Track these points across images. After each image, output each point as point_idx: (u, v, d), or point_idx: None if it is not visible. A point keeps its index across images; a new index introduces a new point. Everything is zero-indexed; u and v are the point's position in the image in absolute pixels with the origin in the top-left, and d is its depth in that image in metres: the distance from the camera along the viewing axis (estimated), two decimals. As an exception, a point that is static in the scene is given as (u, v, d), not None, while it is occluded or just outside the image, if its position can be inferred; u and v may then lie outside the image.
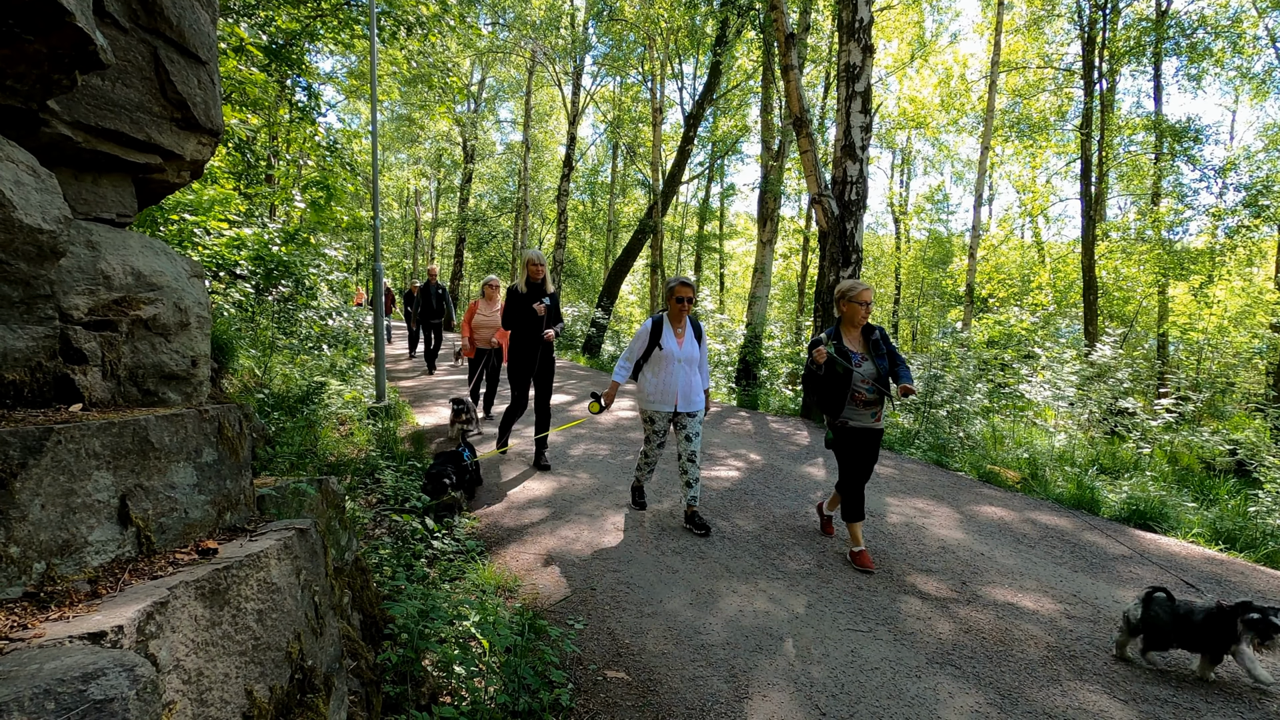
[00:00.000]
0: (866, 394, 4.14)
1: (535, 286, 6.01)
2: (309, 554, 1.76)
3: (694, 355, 4.73)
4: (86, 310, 1.72)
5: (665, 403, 4.70)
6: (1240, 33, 15.85)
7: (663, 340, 4.71)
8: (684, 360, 4.68)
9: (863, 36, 8.91)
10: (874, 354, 4.21)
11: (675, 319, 4.78)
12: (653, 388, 4.73)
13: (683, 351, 4.69)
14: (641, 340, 4.79)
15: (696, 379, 4.76)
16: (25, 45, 1.40)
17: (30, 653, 1.04)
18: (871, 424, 4.20)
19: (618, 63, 21.90)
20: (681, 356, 4.68)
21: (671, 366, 4.67)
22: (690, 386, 4.71)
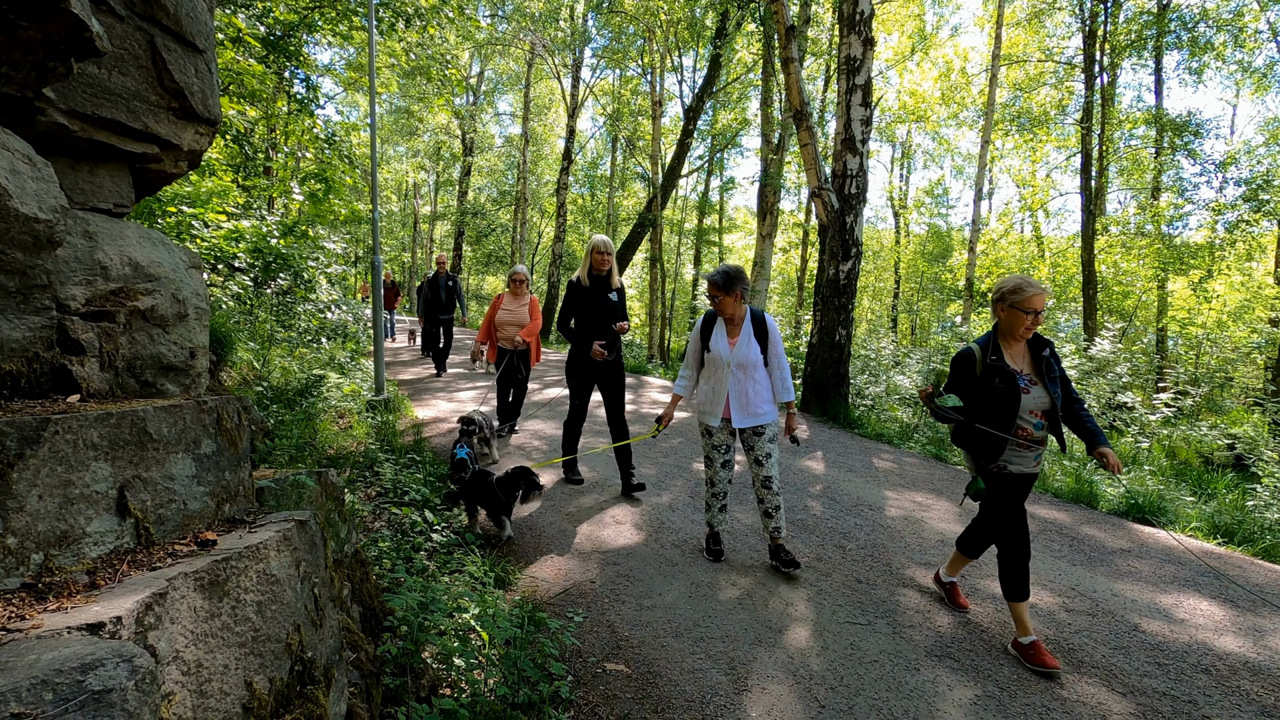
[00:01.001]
0: (1034, 429, 3.17)
1: (600, 279, 5.24)
2: (308, 546, 1.75)
3: (749, 358, 3.95)
4: (84, 301, 1.71)
5: (713, 413, 4.03)
6: (1242, 26, 15.81)
7: (711, 341, 4.06)
8: (736, 365, 3.95)
9: (863, 29, 8.87)
10: (1045, 376, 3.20)
11: (723, 317, 4.07)
12: (704, 395, 4.14)
13: (734, 354, 3.97)
14: (694, 343, 4.20)
15: (757, 387, 3.98)
16: (20, 31, 1.38)
17: (28, 643, 1.03)
18: (1033, 469, 3.21)
19: (617, 55, 21.82)
20: (732, 360, 3.96)
21: (723, 372, 3.98)
22: (746, 395, 3.96)
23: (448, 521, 4.46)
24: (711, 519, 4.19)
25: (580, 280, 5.24)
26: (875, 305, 32.22)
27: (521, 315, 6.97)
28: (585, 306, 5.22)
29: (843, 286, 9.12)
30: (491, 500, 4.38)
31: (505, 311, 7.03)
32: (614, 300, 5.23)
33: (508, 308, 7.05)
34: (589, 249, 5.23)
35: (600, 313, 5.22)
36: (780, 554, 3.97)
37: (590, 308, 5.22)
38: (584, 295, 5.21)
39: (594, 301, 5.21)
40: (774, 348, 4.02)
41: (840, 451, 7.11)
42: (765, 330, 4.03)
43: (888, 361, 12.64)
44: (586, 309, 5.22)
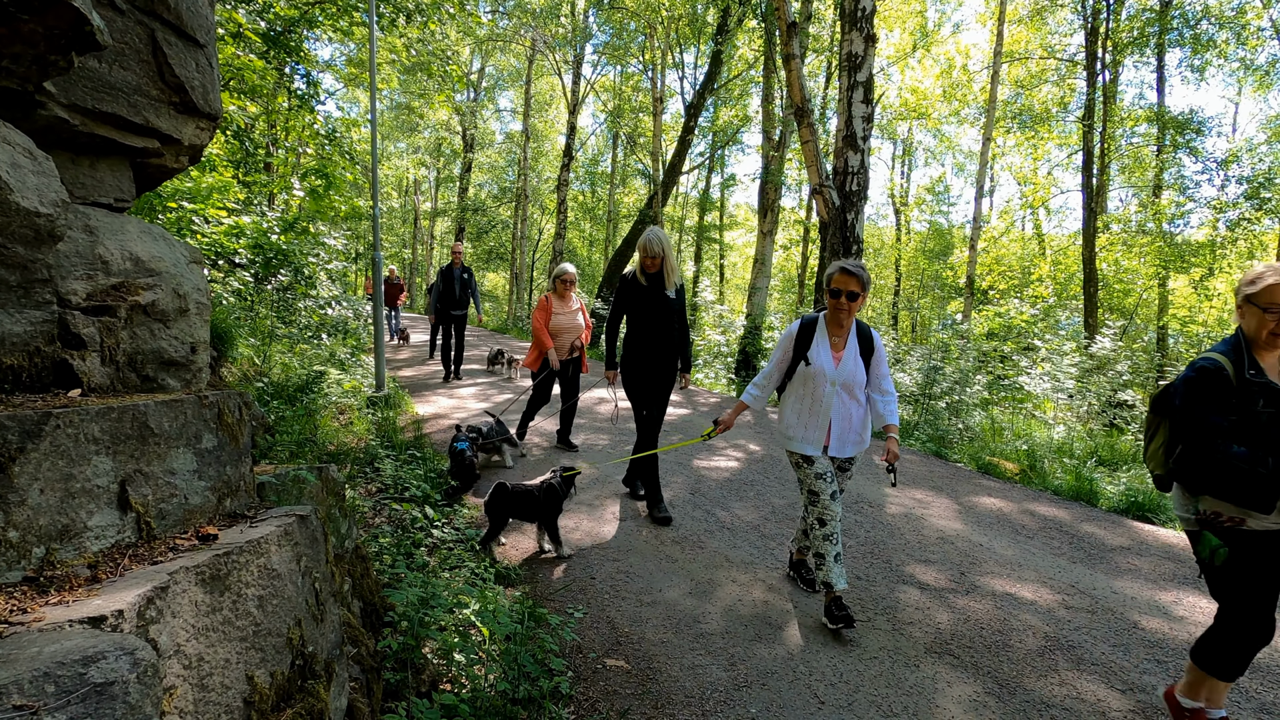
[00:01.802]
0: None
1: (656, 278, 4.68)
2: (309, 541, 1.76)
3: (856, 377, 3.32)
4: (85, 295, 1.71)
5: (809, 441, 3.36)
6: (1244, 24, 15.78)
7: (811, 352, 3.37)
8: (841, 384, 3.32)
9: (865, 26, 8.85)
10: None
11: (834, 323, 3.38)
12: (795, 418, 3.42)
13: (839, 371, 3.32)
14: (784, 350, 3.49)
15: (860, 411, 3.39)
16: (21, 24, 1.38)
17: (30, 636, 1.03)
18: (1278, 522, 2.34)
19: (618, 51, 21.79)
20: (837, 378, 3.31)
21: (822, 391, 3.32)
22: (849, 421, 3.36)
23: (448, 518, 4.46)
24: (829, 575, 3.25)
25: (635, 277, 4.71)
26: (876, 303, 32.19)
27: (576, 320, 6.31)
28: (641, 307, 4.70)
29: (843, 284, 9.10)
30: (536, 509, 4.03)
31: (562, 316, 6.25)
32: (673, 299, 4.69)
33: (561, 312, 6.27)
34: (641, 245, 4.63)
35: (659, 315, 4.68)
36: (835, 608, 3.23)
37: (647, 309, 4.69)
38: (639, 294, 4.69)
39: (651, 301, 4.67)
40: (880, 366, 3.40)
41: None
42: (871, 346, 3.39)
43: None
44: (643, 310, 4.70)
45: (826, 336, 3.40)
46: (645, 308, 4.68)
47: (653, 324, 4.69)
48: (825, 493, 3.30)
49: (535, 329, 6.21)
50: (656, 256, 4.57)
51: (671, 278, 4.68)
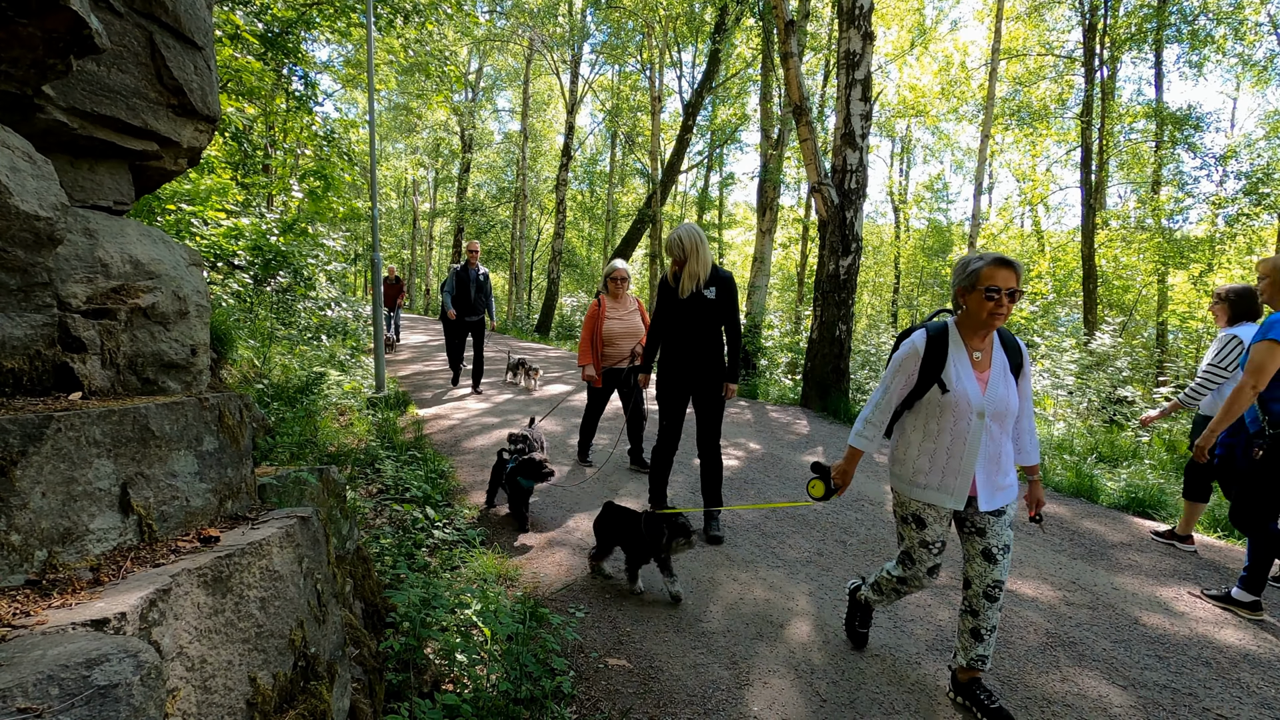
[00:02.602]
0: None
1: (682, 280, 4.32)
2: (311, 542, 1.76)
3: (1009, 405, 2.52)
4: (85, 298, 1.71)
5: (948, 490, 2.55)
6: (1242, 19, 15.77)
7: (951, 375, 2.52)
8: (991, 415, 2.50)
9: (863, 23, 8.85)
10: None
11: (973, 333, 2.55)
12: (924, 459, 2.60)
13: (989, 398, 2.51)
14: (906, 372, 2.60)
15: (1008, 448, 2.59)
16: (19, 28, 1.38)
17: (33, 639, 1.04)
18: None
19: (616, 51, 21.78)
20: (986, 407, 2.49)
21: (965, 426, 2.50)
22: (998, 462, 2.55)
23: (449, 519, 4.46)
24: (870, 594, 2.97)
25: (667, 279, 4.34)
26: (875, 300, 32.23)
27: (634, 323, 5.65)
28: (674, 311, 4.29)
29: (843, 282, 9.12)
30: (641, 543, 3.52)
31: (615, 320, 5.62)
32: (711, 299, 4.18)
33: (615, 315, 5.64)
34: (668, 245, 4.23)
35: (692, 318, 4.22)
36: (976, 691, 2.64)
37: (679, 312, 4.26)
38: (671, 297, 4.27)
39: (682, 304, 4.22)
40: (1026, 384, 2.63)
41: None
42: (1020, 359, 2.62)
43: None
44: (675, 314, 4.28)
45: (965, 352, 2.56)
46: (677, 311, 4.25)
47: (685, 329, 4.23)
48: (925, 564, 2.65)
49: (582, 340, 5.67)
50: (679, 260, 4.16)
51: (701, 277, 4.16)
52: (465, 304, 9.05)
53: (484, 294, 9.20)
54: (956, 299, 2.57)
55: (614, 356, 5.65)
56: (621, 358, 5.64)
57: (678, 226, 4.18)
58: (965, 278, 2.49)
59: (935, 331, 2.60)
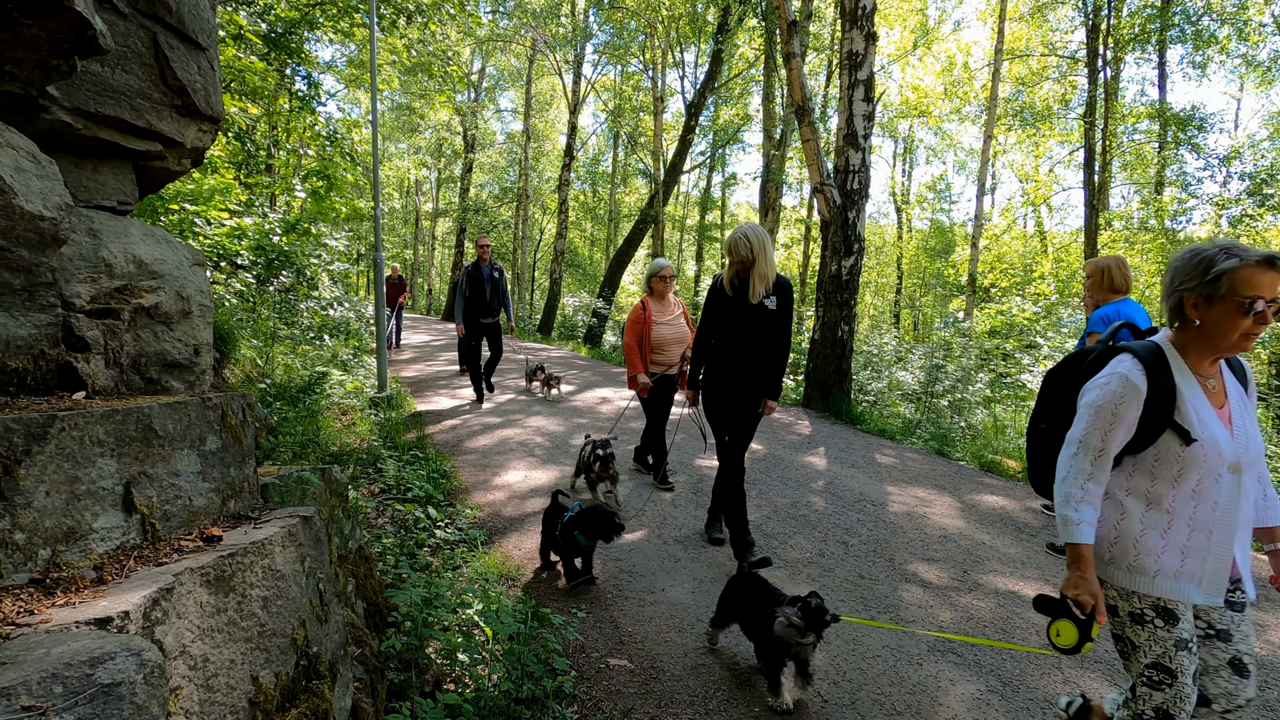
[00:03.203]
0: None
1: (745, 287, 3.82)
2: (313, 541, 1.76)
3: (1256, 447, 1.89)
4: (89, 298, 1.72)
5: (1203, 579, 1.86)
6: (1246, 20, 15.74)
7: (1190, 417, 1.83)
8: (1247, 465, 1.86)
9: (865, 24, 8.85)
10: None
11: (1204, 357, 1.90)
12: (1157, 536, 1.88)
13: (1241, 443, 1.87)
14: (1125, 421, 1.86)
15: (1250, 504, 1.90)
16: (24, 29, 1.39)
17: (37, 638, 1.04)
18: None
19: (619, 51, 21.80)
20: (1241, 457, 1.85)
21: (1214, 484, 1.84)
22: (1248, 525, 1.92)
23: (450, 518, 4.47)
24: None
25: (721, 285, 3.91)
26: (878, 301, 32.21)
27: (682, 327, 5.28)
28: (728, 320, 3.89)
29: (845, 282, 9.11)
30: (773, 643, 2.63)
31: (664, 325, 5.21)
32: (772, 310, 3.81)
33: (662, 320, 5.22)
34: (729, 246, 3.82)
35: (750, 329, 3.84)
36: None
37: (735, 322, 3.87)
38: (725, 306, 3.88)
39: (739, 313, 3.83)
40: (1253, 411, 1.98)
41: (843, 447, 7.11)
42: (1246, 377, 2.02)
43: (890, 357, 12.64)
44: (730, 324, 3.89)
45: (1196, 383, 1.88)
46: (733, 321, 3.86)
47: (742, 340, 3.85)
48: (1188, 671, 1.83)
49: (628, 347, 5.18)
50: (745, 260, 3.70)
51: (765, 283, 3.75)
52: (480, 305, 8.22)
53: (499, 293, 8.33)
54: (1182, 308, 1.86)
55: (662, 364, 5.24)
56: (670, 364, 5.24)
57: (740, 225, 3.77)
58: (1206, 282, 1.77)
59: (1149, 354, 1.87)
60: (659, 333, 5.17)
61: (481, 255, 8.35)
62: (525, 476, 5.59)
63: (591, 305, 19.50)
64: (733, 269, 3.82)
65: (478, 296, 8.21)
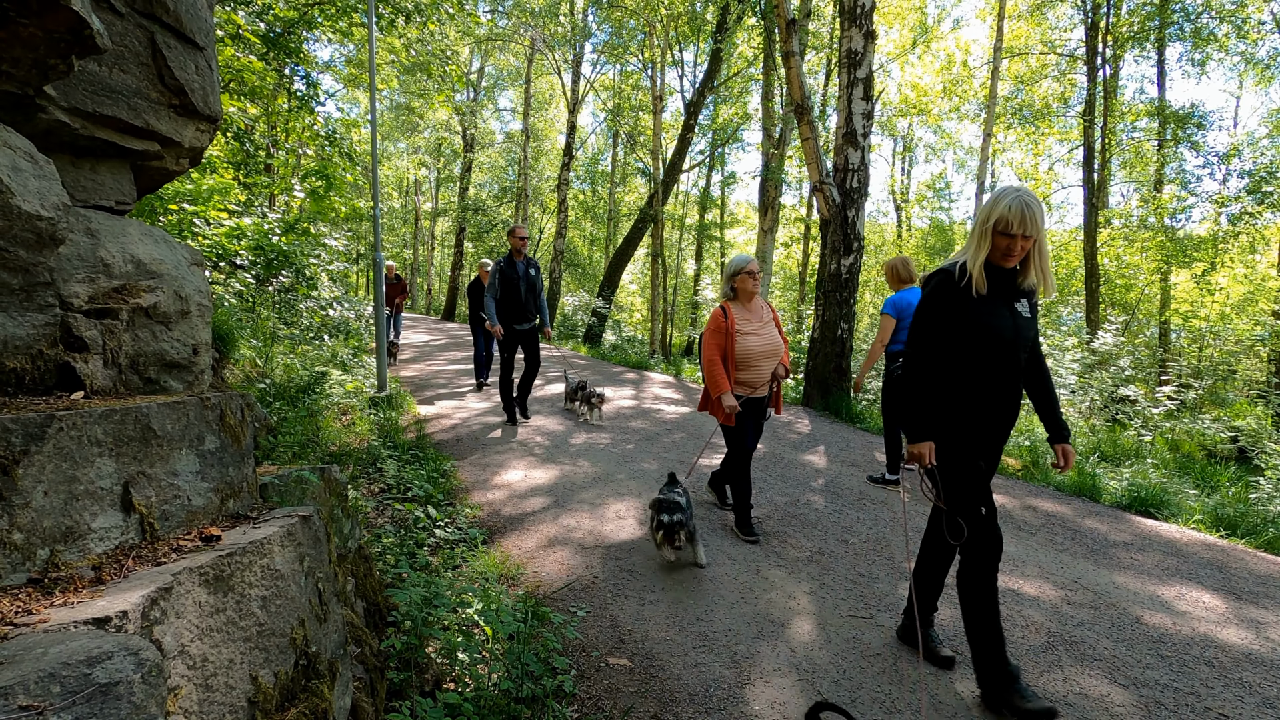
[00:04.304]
0: None
1: (1009, 277, 2.68)
2: (312, 541, 1.76)
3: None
4: (87, 298, 1.71)
5: None
6: (1245, 18, 15.73)
7: None
8: None
9: (864, 22, 8.84)
10: None
11: None
12: None
13: None
14: None
15: None
16: (20, 28, 1.39)
17: (35, 637, 1.04)
18: None
19: (618, 50, 21.76)
20: None
21: None
22: None
23: (450, 518, 4.47)
24: None
25: (953, 273, 2.68)
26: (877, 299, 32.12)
27: (773, 337, 4.32)
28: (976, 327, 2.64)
29: (844, 281, 9.11)
30: None
31: (752, 335, 4.25)
32: (1027, 317, 2.72)
33: (749, 329, 4.26)
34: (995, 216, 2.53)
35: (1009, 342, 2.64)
36: None
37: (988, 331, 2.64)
38: (971, 307, 2.63)
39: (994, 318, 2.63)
40: None
41: (843, 446, 7.11)
42: None
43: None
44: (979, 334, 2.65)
45: None
46: (984, 329, 2.62)
47: (1004, 362, 2.65)
48: None
49: (708, 361, 4.20)
50: (1029, 236, 2.51)
51: (1045, 279, 2.67)
52: (514, 309, 6.96)
53: (535, 293, 7.09)
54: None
55: (749, 384, 4.28)
56: (758, 385, 4.28)
57: (1008, 188, 2.56)
58: None
59: None
60: (745, 345, 4.19)
61: (516, 249, 7.03)
62: (525, 476, 5.59)
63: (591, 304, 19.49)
64: (997, 251, 2.58)
65: (511, 298, 6.94)
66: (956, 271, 2.66)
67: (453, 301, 29.96)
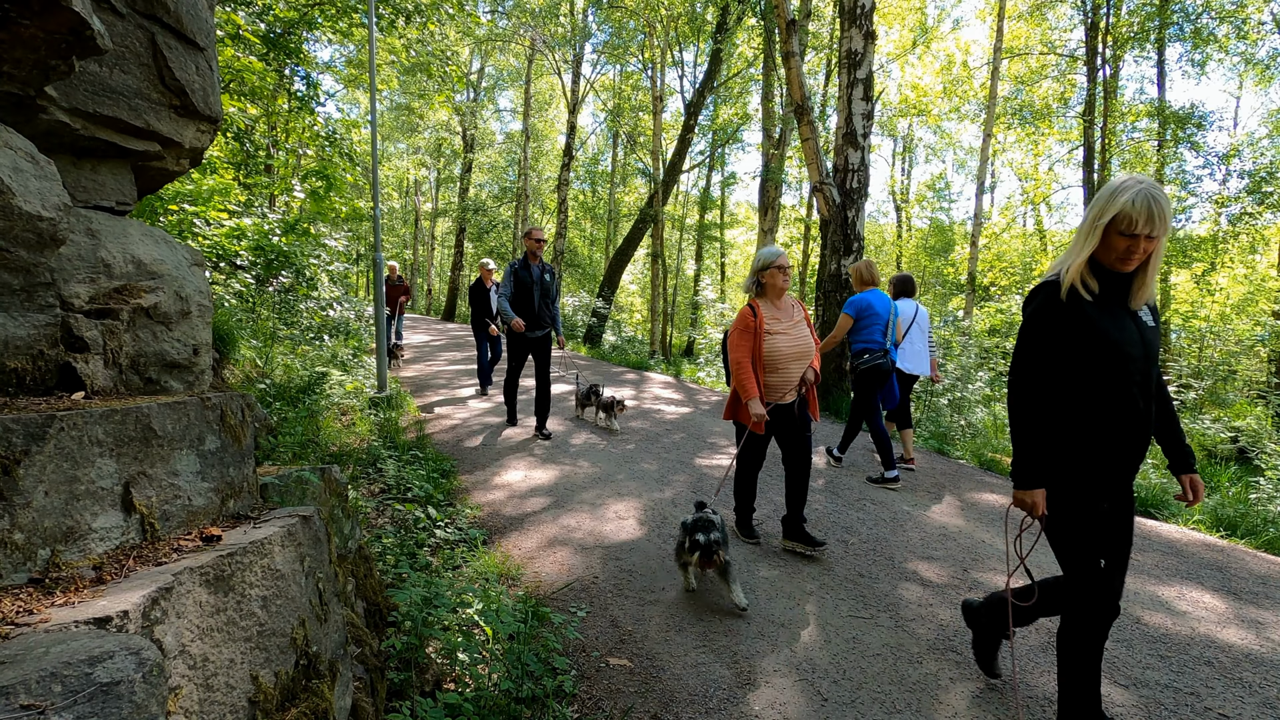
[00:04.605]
0: None
1: (1123, 283, 2.27)
2: (313, 541, 1.76)
3: None
4: (87, 298, 1.72)
5: None
6: (1245, 18, 15.74)
7: None
8: None
9: (864, 23, 8.84)
10: None
11: None
12: None
13: None
14: None
15: None
16: (22, 29, 1.39)
17: (36, 637, 1.04)
18: None
19: (618, 50, 21.76)
20: None
21: None
22: None
23: (450, 518, 4.47)
24: None
25: (1057, 281, 2.33)
26: (877, 300, 32.14)
27: (804, 338, 4.02)
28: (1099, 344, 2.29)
29: (844, 281, 9.11)
30: None
31: (781, 335, 3.96)
32: (1152, 326, 2.34)
33: (778, 329, 3.98)
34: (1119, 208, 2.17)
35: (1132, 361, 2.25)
36: None
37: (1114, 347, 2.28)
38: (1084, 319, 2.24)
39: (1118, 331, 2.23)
40: None
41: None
42: None
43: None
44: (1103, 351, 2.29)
45: None
46: (1107, 343, 2.23)
47: (1127, 378, 2.24)
48: None
49: (735, 364, 3.92)
50: (1154, 236, 2.12)
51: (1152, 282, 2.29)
52: (527, 314, 6.57)
53: (549, 299, 6.67)
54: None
55: (779, 388, 3.96)
56: (786, 390, 3.96)
57: (1128, 178, 2.16)
58: None
59: None
60: (774, 345, 3.89)
61: (532, 251, 6.56)
62: (525, 476, 5.60)
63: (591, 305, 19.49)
64: (1112, 253, 2.19)
65: (523, 303, 6.49)
66: (1064, 281, 2.26)
67: (453, 302, 29.97)
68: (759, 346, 3.92)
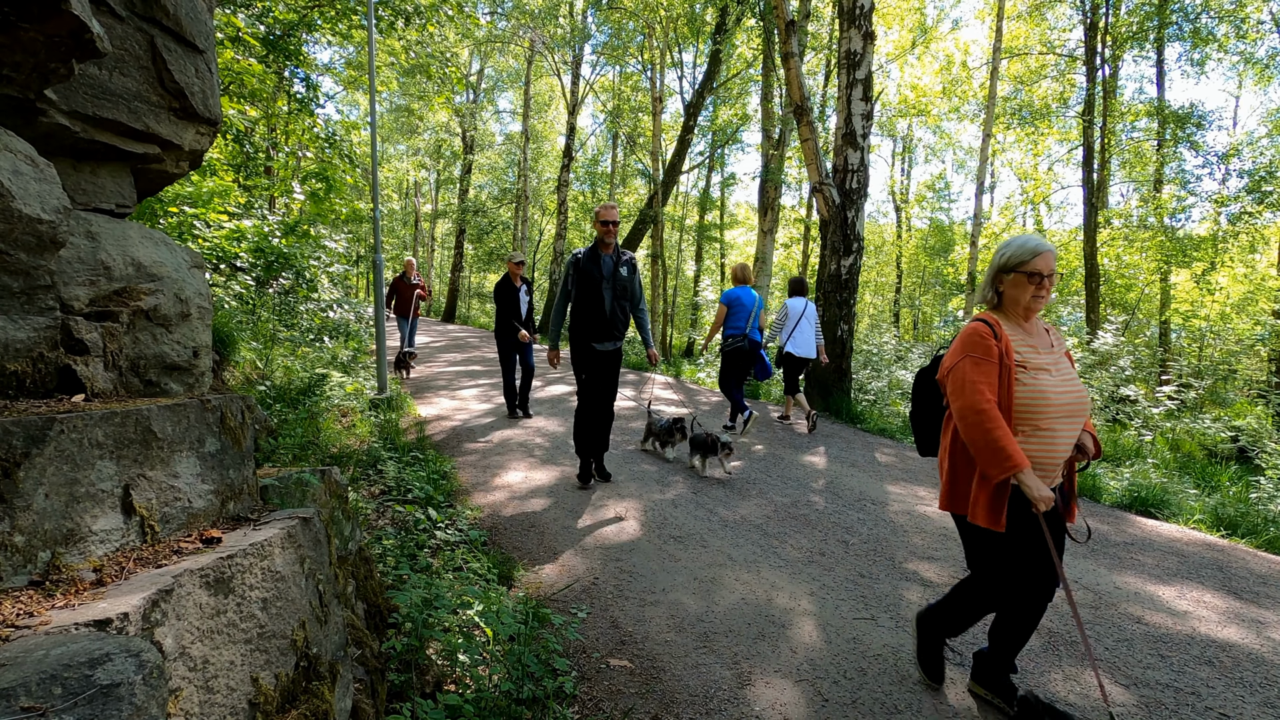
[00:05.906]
0: None
1: None
2: (313, 543, 1.76)
3: None
4: (87, 301, 1.72)
5: None
6: (1244, 17, 15.73)
7: None
8: None
9: (864, 23, 8.85)
10: None
11: None
12: None
13: None
14: None
15: None
16: (21, 33, 1.39)
17: (36, 639, 1.04)
18: None
19: (617, 51, 21.79)
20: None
21: None
22: None
23: (451, 519, 4.47)
24: None
25: None
26: (877, 300, 32.18)
27: (1077, 384, 2.73)
28: None
29: (844, 281, 9.11)
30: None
31: (1045, 373, 2.40)
32: None
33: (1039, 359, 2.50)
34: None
35: None
36: None
37: None
38: None
39: None
40: None
41: (843, 446, 7.11)
42: None
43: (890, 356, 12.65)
44: None
45: None
46: None
47: None
48: None
49: (975, 413, 2.35)
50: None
51: None
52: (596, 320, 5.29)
53: (629, 300, 5.29)
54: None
55: (1045, 466, 2.44)
56: (1053, 463, 2.46)
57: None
58: None
59: None
60: (1040, 389, 2.41)
61: (603, 239, 5.18)
62: (525, 477, 5.60)
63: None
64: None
65: (591, 305, 5.13)
66: None
67: (453, 304, 29.99)
68: (1009, 388, 2.41)
